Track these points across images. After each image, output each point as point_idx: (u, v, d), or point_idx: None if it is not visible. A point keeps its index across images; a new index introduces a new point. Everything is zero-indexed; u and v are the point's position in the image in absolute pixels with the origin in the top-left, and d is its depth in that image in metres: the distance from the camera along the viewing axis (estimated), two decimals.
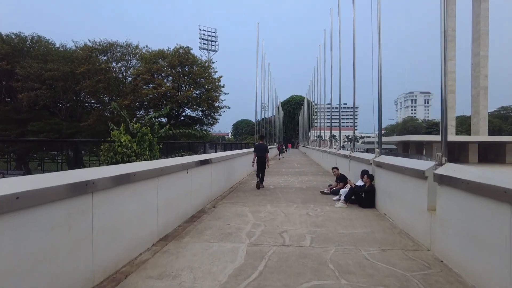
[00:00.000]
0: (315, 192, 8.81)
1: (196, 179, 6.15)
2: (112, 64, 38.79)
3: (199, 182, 6.35)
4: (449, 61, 38.37)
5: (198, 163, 6.16)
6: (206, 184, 6.90)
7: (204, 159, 6.64)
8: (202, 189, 6.61)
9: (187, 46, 36.00)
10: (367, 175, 6.95)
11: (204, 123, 41.86)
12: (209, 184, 7.15)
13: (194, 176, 6.01)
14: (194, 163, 5.94)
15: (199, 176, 6.39)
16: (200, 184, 6.42)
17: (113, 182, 3.30)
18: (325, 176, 12.87)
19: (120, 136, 9.58)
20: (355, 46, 10.74)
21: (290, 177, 12.64)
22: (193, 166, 5.93)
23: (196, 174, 6.14)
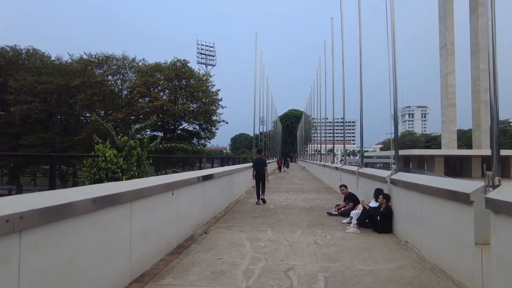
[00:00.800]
0: (321, 213, 7.85)
1: (184, 201, 5.21)
2: (108, 77, 38.24)
3: (188, 204, 5.41)
4: (449, 75, 38.15)
5: (186, 182, 5.24)
6: (197, 206, 5.95)
7: (194, 177, 5.72)
8: (192, 212, 5.66)
9: (184, 59, 35.56)
10: (383, 195, 6.03)
11: (201, 137, 41.02)
12: (200, 205, 6.20)
13: (181, 197, 5.08)
14: (181, 182, 5.01)
15: (188, 196, 5.45)
16: (189, 207, 5.48)
17: (56, 214, 2.37)
18: (329, 194, 11.91)
19: (105, 150, 8.69)
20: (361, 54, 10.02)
21: (292, 194, 11.68)
22: (180, 185, 5.00)
23: (184, 194, 5.21)
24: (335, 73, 17.71)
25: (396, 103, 6.45)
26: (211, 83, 38.12)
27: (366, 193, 7.95)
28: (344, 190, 7.74)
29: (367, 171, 7.97)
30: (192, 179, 5.60)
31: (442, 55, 39.61)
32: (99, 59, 37.21)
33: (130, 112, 34.29)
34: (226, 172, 8.78)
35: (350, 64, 12.36)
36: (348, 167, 10.81)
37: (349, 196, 7.67)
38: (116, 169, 8.49)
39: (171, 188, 4.61)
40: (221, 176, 8.08)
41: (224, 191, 8.45)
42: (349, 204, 7.51)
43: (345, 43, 13.17)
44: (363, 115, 9.76)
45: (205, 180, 6.46)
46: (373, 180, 7.29)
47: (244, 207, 8.67)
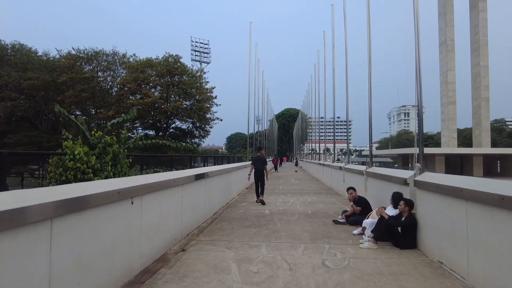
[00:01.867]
0: (325, 220, 6.66)
1: (152, 211, 3.99)
2: (98, 73, 36.78)
3: (157, 215, 4.19)
4: (449, 72, 37.24)
5: (155, 186, 4.01)
6: (171, 216, 4.73)
7: (168, 180, 4.49)
8: (165, 224, 4.44)
9: (176, 55, 34.21)
10: (404, 201, 4.85)
11: (195, 135, 39.72)
12: (178, 214, 4.98)
13: (148, 207, 3.86)
14: (146, 187, 3.79)
15: (158, 205, 4.23)
16: (159, 217, 4.26)
17: None
18: (331, 196, 10.74)
19: (74, 147, 7.45)
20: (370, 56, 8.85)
21: (289, 196, 10.48)
22: (146, 191, 3.78)
23: (152, 202, 4.00)
24: (329, 76, 17.33)
25: (420, 95, 5.27)
26: (205, 80, 36.84)
27: (377, 197, 6.78)
28: (353, 193, 6.55)
29: (379, 171, 6.79)
30: (165, 182, 4.37)
31: (441, 51, 38.67)
32: (88, 55, 35.76)
33: (120, 110, 32.85)
34: (215, 172, 7.56)
35: (349, 63, 12.44)
36: (353, 167, 9.63)
37: (358, 200, 6.49)
38: (86, 169, 7.27)
39: (128, 195, 3.38)
40: (209, 177, 6.86)
41: (212, 194, 7.23)
42: (358, 209, 6.33)
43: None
44: (371, 114, 8.61)
45: (185, 183, 5.24)
46: (387, 181, 6.11)
47: (236, 213, 7.45)
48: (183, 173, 5.31)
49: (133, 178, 4.14)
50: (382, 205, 6.29)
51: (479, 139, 37.34)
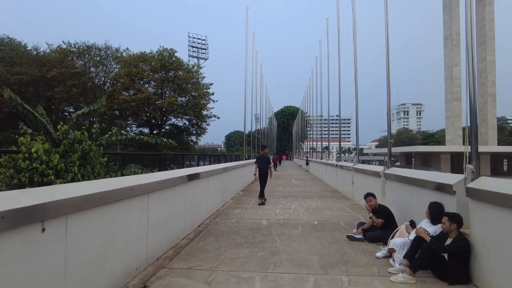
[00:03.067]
0: (336, 234, 5.33)
1: (85, 238, 2.65)
2: (90, 68, 35.31)
3: (100, 241, 2.84)
4: (454, 67, 36.00)
5: (92, 199, 2.67)
6: (128, 238, 3.38)
7: (113, 190, 3.13)
8: (113, 252, 3.09)
9: (171, 49, 32.77)
10: (449, 216, 3.51)
11: (192, 133, 38.36)
12: (140, 233, 3.64)
13: (78, 232, 2.53)
14: (78, 201, 2.45)
15: (102, 226, 2.89)
16: (103, 244, 2.91)
17: None
18: (338, 200, 9.41)
19: (31, 144, 6.09)
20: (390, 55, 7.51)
21: (291, 201, 9.15)
22: (73, 208, 2.44)
23: (89, 224, 2.67)
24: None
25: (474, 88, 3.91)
26: (201, 75, 35.42)
27: (399, 207, 5.46)
28: (372, 201, 5.20)
29: (405, 173, 5.43)
30: (115, 192, 3.04)
31: (446, 46, 37.38)
32: (80, 49, 34.29)
33: (112, 106, 31.43)
34: (204, 173, 6.23)
35: (347, 62, 12.35)
36: (365, 167, 8.28)
37: (379, 210, 5.15)
38: (46, 170, 5.91)
39: (37, 218, 2.05)
40: (193, 181, 5.53)
41: (197, 202, 5.89)
42: (379, 221, 5.00)
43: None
44: (389, 107, 7.28)
45: (154, 191, 3.91)
46: (418, 187, 4.77)
47: (226, 224, 6.11)
48: (148, 178, 3.94)
49: (55, 188, 2.78)
50: (404, 217, 4.98)
51: (485, 137, 36.11)
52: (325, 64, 18.63)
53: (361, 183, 8.39)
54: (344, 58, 13.24)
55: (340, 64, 13.51)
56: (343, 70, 13.26)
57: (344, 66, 13.22)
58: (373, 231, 4.97)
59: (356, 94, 10.18)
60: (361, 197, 8.31)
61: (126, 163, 15.74)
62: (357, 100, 10.05)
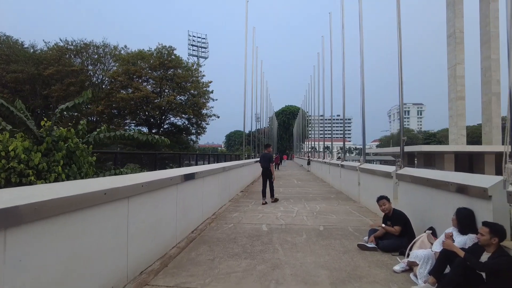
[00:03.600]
0: (345, 243, 4.76)
1: (40, 257, 2.09)
2: (88, 67, 34.76)
3: (63, 257, 2.27)
4: (457, 65, 35.38)
5: (48, 207, 2.10)
6: (101, 252, 2.80)
7: (81, 195, 2.55)
8: (81, 269, 2.52)
9: (170, 46, 32.19)
10: (492, 229, 2.93)
11: (191, 132, 37.78)
12: (117, 245, 3.07)
13: (31, 250, 1.96)
14: (27, 209, 1.88)
15: (64, 240, 2.32)
16: (67, 261, 2.34)
17: None
18: (343, 202, 8.83)
19: (9, 142, 5.57)
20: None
21: (293, 203, 8.57)
22: (24, 218, 1.87)
23: (46, 239, 2.10)
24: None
25: None
26: (201, 74, 34.83)
27: (414, 210, 4.88)
28: (386, 205, 4.62)
29: (421, 174, 4.83)
30: (82, 197, 2.47)
31: (450, 44, 36.75)
32: (77, 47, 33.74)
33: (110, 105, 30.86)
34: (200, 174, 5.66)
35: (349, 60, 12.68)
36: (374, 167, 7.68)
37: (393, 215, 4.58)
38: (25, 170, 5.37)
39: None
40: (185, 182, 4.96)
41: (190, 205, 5.32)
42: (395, 228, 4.42)
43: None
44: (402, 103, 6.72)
45: (135, 195, 3.34)
46: (439, 190, 4.19)
47: (223, 230, 5.54)
48: (128, 180, 3.36)
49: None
50: (422, 224, 4.42)
51: (489, 137, 35.51)
52: (328, 60, 18.03)
53: (368, 184, 7.82)
54: (346, 56, 12.81)
55: (345, 59, 12.91)
56: (344, 67, 12.71)
57: (346, 64, 12.72)
58: (388, 240, 4.40)
59: (363, 90, 9.61)
60: (369, 199, 7.75)
61: (125, 162, 15.19)
62: (364, 96, 9.47)
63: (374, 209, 7.25)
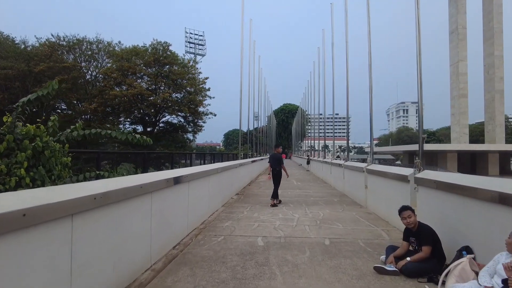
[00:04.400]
0: (357, 262, 3.90)
1: None
2: (82, 63, 33.76)
3: None
4: (460, 62, 34.59)
5: None
6: None
7: None
8: None
9: (165, 42, 31.24)
10: None
11: (188, 130, 36.85)
12: (57, 282, 2.21)
13: None
14: None
15: None
16: None
17: None
18: (348, 207, 7.99)
19: None
20: None
21: (293, 209, 7.72)
22: None
23: None
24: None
25: None
26: (197, 71, 33.89)
27: (440, 223, 4.03)
28: (412, 217, 3.74)
29: (451, 179, 3.96)
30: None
31: (452, 40, 35.95)
32: (70, 43, 32.73)
33: (103, 102, 29.90)
34: (183, 178, 4.80)
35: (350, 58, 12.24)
36: (384, 168, 6.78)
37: (419, 231, 3.71)
38: None
39: None
40: (159, 190, 4.09)
41: (170, 216, 4.46)
42: (424, 249, 3.56)
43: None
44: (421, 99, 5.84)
45: (82, 212, 2.48)
46: (474, 199, 3.34)
47: (209, 245, 4.66)
48: (72, 191, 2.49)
49: None
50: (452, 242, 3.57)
51: (492, 135, 34.77)
52: (329, 54, 17.16)
53: (378, 188, 6.97)
54: (345, 53, 12.17)
55: (348, 52, 12.05)
56: (344, 66, 11.99)
57: (344, 62, 12.03)
58: (413, 262, 3.53)
59: (370, 85, 8.76)
60: (378, 204, 6.90)
61: (120, 162, 14.32)
62: (372, 92, 8.63)
63: (385, 215, 6.41)
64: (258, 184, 13.78)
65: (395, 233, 5.33)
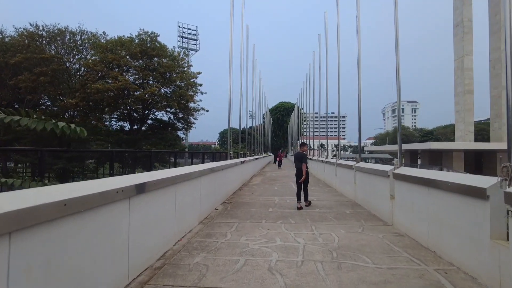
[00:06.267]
0: None
1: None
2: (65, 56, 31.40)
3: None
4: (465, 56, 32.86)
5: None
6: None
7: None
8: None
9: (152, 32, 29.03)
10: None
11: (178, 128, 34.72)
12: None
13: None
14: None
15: None
16: None
17: None
18: (368, 225, 6.01)
19: None
20: None
21: (295, 228, 5.72)
22: None
23: None
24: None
25: None
26: (187, 63, 31.73)
27: None
28: None
29: None
30: None
31: (457, 34, 34.23)
32: (50, 33, 30.39)
33: (86, 97, 27.62)
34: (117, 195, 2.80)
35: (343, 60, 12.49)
36: (427, 175, 4.72)
37: None
38: None
39: None
40: (73, 215, 2.07)
41: (83, 261, 2.44)
42: None
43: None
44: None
45: None
46: None
47: (181, 273, 2.67)
48: None
49: None
50: None
51: (498, 133, 33.09)
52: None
53: (416, 201, 4.98)
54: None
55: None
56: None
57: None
58: None
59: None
60: (413, 222, 4.88)
61: (104, 162, 12.94)
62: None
63: (428, 240, 4.45)
64: (250, 188, 11.78)
65: (457, 276, 3.36)
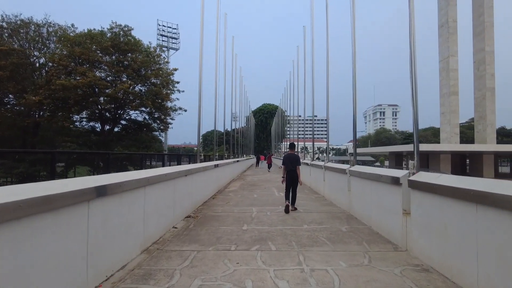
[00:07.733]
0: None
1: None
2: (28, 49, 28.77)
3: None
4: (451, 57, 32.34)
5: None
6: None
7: None
8: None
9: (125, 25, 26.94)
10: None
11: (154, 128, 32.56)
12: None
13: None
14: None
15: None
16: None
17: None
18: (374, 249, 4.47)
19: None
20: None
21: (274, 259, 4.10)
22: None
23: None
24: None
25: None
26: (164, 60, 29.74)
27: None
28: None
29: None
30: None
31: (441, 35, 33.79)
32: (12, 24, 27.76)
33: (50, 94, 25.17)
34: None
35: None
36: (458, 183, 3.29)
37: None
38: None
39: None
40: None
41: None
42: None
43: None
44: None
45: None
46: None
47: None
48: None
49: None
50: None
51: (483, 135, 32.77)
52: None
53: (450, 225, 3.47)
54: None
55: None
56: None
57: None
58: None
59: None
60: (439, 250, 3.34)
61: (74, 164, 10.95)
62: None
63: (459, 280, 2.91)
64: (225, 196, 10.09)
65: None
